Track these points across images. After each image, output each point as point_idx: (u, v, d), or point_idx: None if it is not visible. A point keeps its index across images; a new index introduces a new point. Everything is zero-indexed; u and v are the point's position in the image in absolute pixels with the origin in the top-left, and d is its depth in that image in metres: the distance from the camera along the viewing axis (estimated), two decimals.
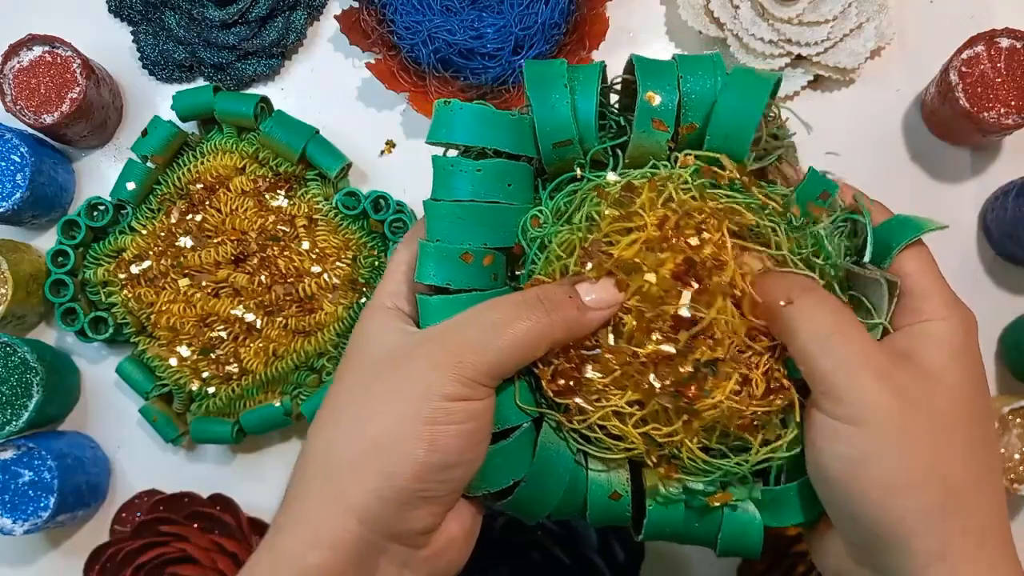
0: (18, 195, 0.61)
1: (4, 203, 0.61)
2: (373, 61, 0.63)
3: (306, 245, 0.61)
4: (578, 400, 0.38)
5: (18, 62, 0.62)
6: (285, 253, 0.61)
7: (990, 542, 0.34)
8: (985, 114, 0.58)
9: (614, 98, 0.43)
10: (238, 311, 0.60)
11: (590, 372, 0.38)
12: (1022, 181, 0.59)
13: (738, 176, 0.39)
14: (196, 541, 0.58)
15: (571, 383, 0.38)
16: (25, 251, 0.63)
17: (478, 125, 0.39)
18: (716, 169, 0.39)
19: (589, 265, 0.38)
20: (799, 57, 0.63)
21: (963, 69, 0.59)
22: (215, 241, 0.61)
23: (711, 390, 0.37)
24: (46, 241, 0.65)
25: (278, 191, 0.62)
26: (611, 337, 0.38)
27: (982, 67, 0.59)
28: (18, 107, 0.61)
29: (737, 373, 0.37)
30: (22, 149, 0.61)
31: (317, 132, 0.62)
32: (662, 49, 0.66)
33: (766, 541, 0.60)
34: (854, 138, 0.64)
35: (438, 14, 0.60)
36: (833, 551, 0.38)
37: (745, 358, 0.37)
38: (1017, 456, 0.57)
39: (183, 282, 0.61)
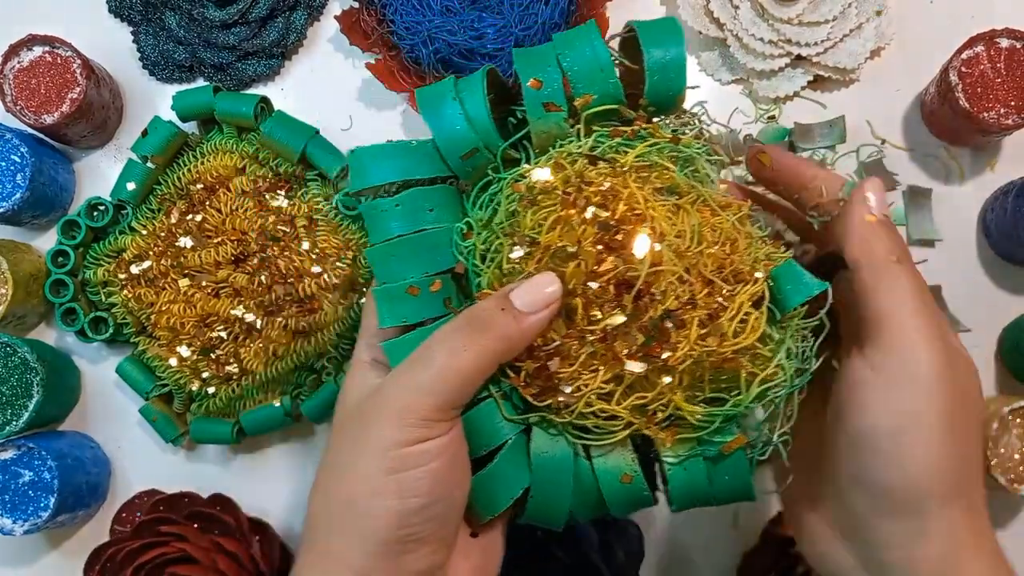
0: (18, 195, 0.61)
1: (4, 203, 0.61)
2: (373, 61, 0.63)
3: (306, 245, 0.61)
4: (560, 398, 0.38)
5: (18, 62, 0.62)
6: (285, 253, 0.61)
7: (981, 531, 0.36)
8: (985, 114, 0.58)
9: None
10: (238, 311, 0.60)
11: (555, 366, 0.37)
12: (1022, 181, 0.59)
13: (640, 124, 0.39)
14: (196, 541, 0.58)
15: (546, 382, 0.38)
16: (25, 251, 0.63)
17: (386, 162, 0.40)
18: (619, 126, 0.39)
19: (518, 251, 0.37)
20: (799, 57, 0.63)
21: (963, 69, 0.59)
22: (215, 241, 0.61)
23: (677, 342, 0.36)
24: (46, 241, 0.65)
25: (278, 191, 0.62)
26: (563, 325, 0.37)
27: (982, 67, 0.59)
28: (18, 107, 0.61)
29: (697, 315, 0.36)
30: (22, 149, 0.61)
31: (317, 132, 0.62)
32: None
33: (769, 539, 0.60)
34: (854, 138, 0.64)
35: (438, 14, 0.60)
36: (816, 525, 0.39)
37: (703, 296, 0.37)
38: (1017, 456, 0.57)
39: (183, 282, 0.61)
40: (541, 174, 0.38)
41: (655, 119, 0.41)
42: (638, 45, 0.39)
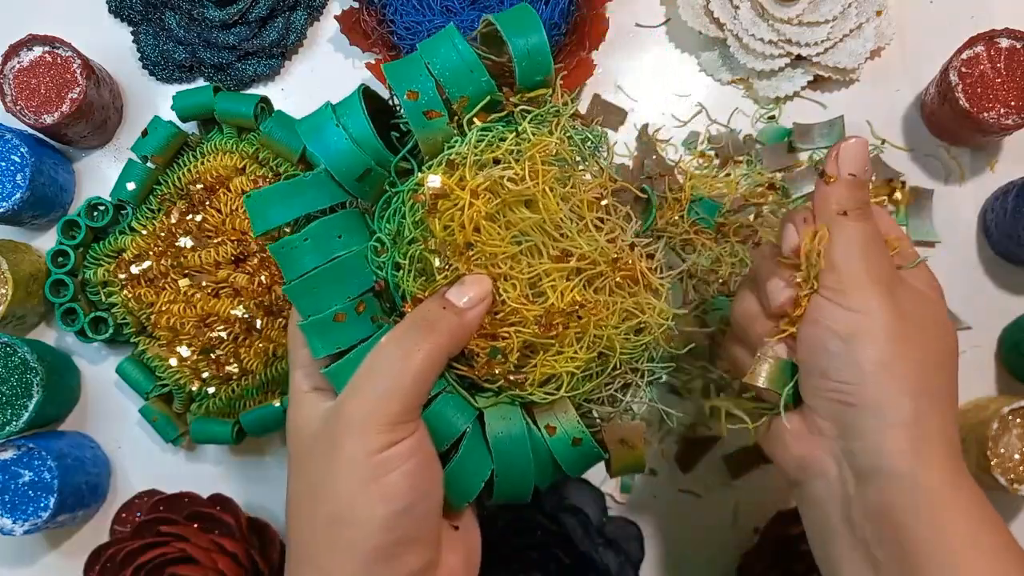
0: (18, 195, 0.61)
1: (4, 203, 0.61)
2: (373, 61, 0.63)
3: None
4: (511, 376, 0.40)
5: (18, 62, 0.62)
6: None
7: (950, 434, 0.41)
8: (985, 114, 0.58)
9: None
10: (238, 311, 0.60)
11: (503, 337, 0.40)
12: (1022, 181, 0.59)
13: (510, 106, 0.41)
14: (196, 541, 0.58)
15: (499, 367, 0.40)
16: (25, 251, 0.63)
17: (283, 203, 0.40)
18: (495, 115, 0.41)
19: (437, 262, 0.40)
20: (799, 57, 0.63)
21: (963, 69, 0.59)
22: (215, 241, 0.61)
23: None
24: (46, 241, 0.65)
25: None
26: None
27: (982, 67, 0.59)
28: (18, 107, 0.61)
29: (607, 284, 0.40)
30: (22, 149, 0.61)
31: None
32: (662, 50, 0.66)
33: (769, 539, 0.60)
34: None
35: (438, 14, 0.60)
36: (791, 433, 0.43)
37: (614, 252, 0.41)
38: (1017, 456, 0.57)
39: (183, 282, 0.61)
40: (434, 180, 0.39)
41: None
42: (501, 37, 0.41)
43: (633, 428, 0.43)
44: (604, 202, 0.41)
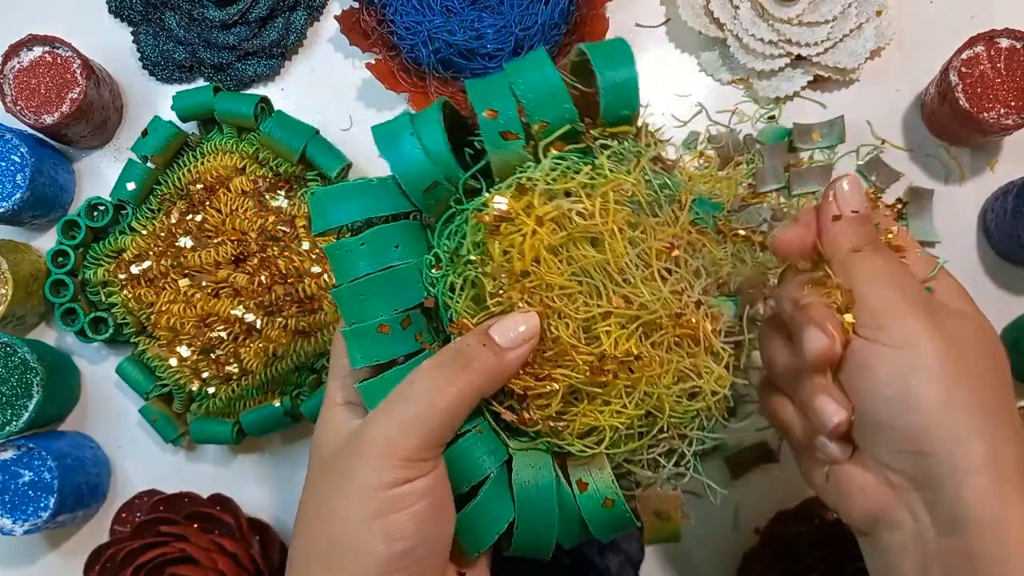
0: (18, 195, 0.61)
1: (4, 203, 0.61)
2: (373, 61, 0.63)
3: (306, 246, 0.61)
4: (550, 423, 0.38)
5: (18, 62, 0.62)
6: (285, 253, 0.61)
7: (1021, 462, 0.37)
8: (985, 114, 0.58)
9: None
10: (238, 311, 0.60)
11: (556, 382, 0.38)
12: (1022, 181, 0.59)
13: (595, 136, 0.39)
14: (196, 541, 0.58)
15: (541, 411, 0.38)
16: (25, 251, 0.63)
17: (347, 203, 0.39)
18: (574, 147, 0.40)
19: (490, 286, 0.38)
20: (799, 57, 0.63)
21: (963, 69, 0.59)
22: (215, 241, 0.61)
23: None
24: (46, 241, 0.66)
25: (278, 191, 0.62)
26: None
27: (982, 67, 0.59)
28: (18, 107, 0.61)
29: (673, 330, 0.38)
30: (22, 149, 0.61)
31: (317, 132, 0.62)
32: (662, 50, 0.66)
33: (769, 539, 0.60)
34: (854, 138, 0.64)
35: (438, 14, 0.60)
36: (858, 486, 0.40)
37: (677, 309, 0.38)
38: None
39: (183, 282, 0.61)
40: (501, 202, 0.38)
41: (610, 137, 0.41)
42: (591, 68, 0.39)
43: (670, 499, 0.41)
44: (675, 253, 0.39)
